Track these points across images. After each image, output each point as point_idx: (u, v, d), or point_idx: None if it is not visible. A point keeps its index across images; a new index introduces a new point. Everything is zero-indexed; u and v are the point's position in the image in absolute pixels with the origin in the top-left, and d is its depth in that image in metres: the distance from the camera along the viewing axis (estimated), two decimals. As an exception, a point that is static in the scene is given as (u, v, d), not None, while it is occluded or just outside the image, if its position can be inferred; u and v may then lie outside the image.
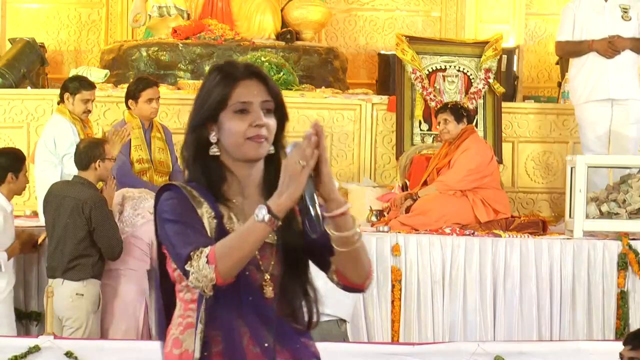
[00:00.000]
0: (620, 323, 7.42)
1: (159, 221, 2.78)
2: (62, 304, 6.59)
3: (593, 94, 8.43)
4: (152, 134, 7.96)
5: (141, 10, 9.95)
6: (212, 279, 2.61)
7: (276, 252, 2.81)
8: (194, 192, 2.78)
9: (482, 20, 10.10)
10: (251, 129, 2.77)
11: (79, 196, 6.70)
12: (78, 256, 6.64)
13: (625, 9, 8.49)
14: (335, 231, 2.68)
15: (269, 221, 2.60)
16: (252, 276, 2.76)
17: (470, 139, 7.92)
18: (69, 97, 7.58)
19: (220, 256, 2.61)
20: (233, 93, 2.79)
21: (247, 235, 2.63)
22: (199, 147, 2.82)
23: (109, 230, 6.65)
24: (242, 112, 2.79)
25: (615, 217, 7.74)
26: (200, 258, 2.62)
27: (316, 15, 10.25)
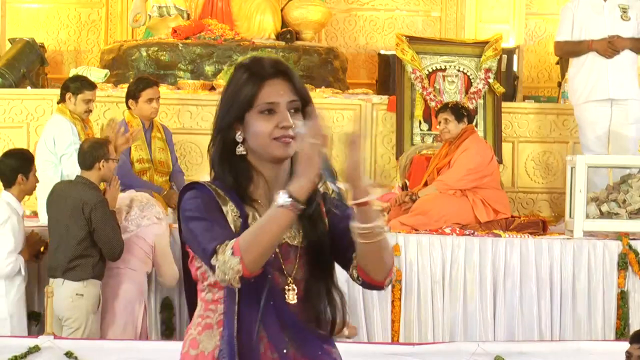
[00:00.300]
0: (620, 323, 7.42)
1: (183, 220, 2.75)
2: (62, 304, 6.59)
3: (593, 94, 8.43)
4: (153, 134, 7.96)
5: (141, 10, 9.95)
6: (238, 270, 2.56)
7: (300, 255, 2.76)
8: (219, 190, 2.75)
9: (482, 20, 10.11)
10: (277, 130, 2.72)
11: (80, 196, 6.70)
12: (78, 256, 6.65)
13: (624, 9, 8.49)
14: (359, 222, 2.62)
15: (291, 205, 2.56)
16: (275, 279, 2.70)
17: (471, 138, 7.93)
18: (71, 97, 7.59)
19: (245, 247, 2.56)
20: (259, 93, 2.74)
21: (271, 223, 2.58)
22: (226, 146, 2.78)
23: (109, 231, 6.65)
24: (269, 112, 2.74)
25: (615, 217, 7.74)
26: (226, 251, 2.58)
27: (316, 15, 10.25)
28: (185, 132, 8.79)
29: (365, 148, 9.45)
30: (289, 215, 2.57)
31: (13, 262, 6.66)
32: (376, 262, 2.70)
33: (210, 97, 9.10)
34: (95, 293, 6.67)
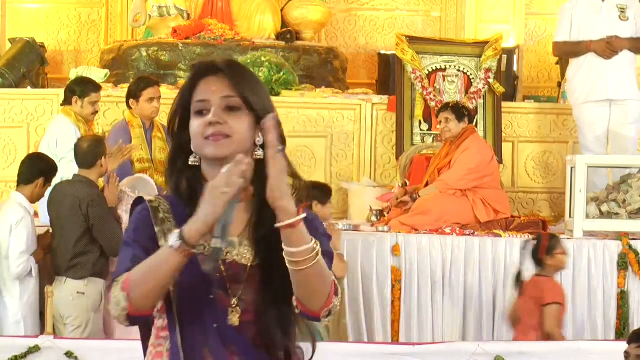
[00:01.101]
0: (620, 323, 7.42)
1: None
2: (63, 302, 6.61)
3: (592, 94, 8.43)
4: (153, 134, 7.96)
5: (141, 10, 9.95)
6: (124, 307, 2.42)
7: (250, 274, 2.53)
8: (161, 207, 2.56)
9: (482, 20, 10.10)
10: (207, 127, 2.52)
11: (77, 194, 6.72)
12: (78, 254, 6.66)
13: (622, 9, 8.49)
14: (286, 245, 2.41)
15: (180, 247, 2.37)
16: (219, 300, 2.51)
17: (471, 138, 7.93)
18: (78, 100, 7.59)
19: (133, 284, 2.41)
20: (194, 93, 2.57)
21: (159, 262, 2.40)
22: (175, 156, 2.60)
23: (108, 226, 6.67)
24: (202, 113, 2.54)
25: (615, 217, 7.74)
26: (118, 284, 2.44)
27: (316, 15, 10.25)
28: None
29: (365, 148, 9.53)
30: (177, 258, 2.38)
31: (24, 263, 6.67)
32: (309, 291, 2.46)
33: (210, 97, 9.10)
34: (97, 291, 6.67)
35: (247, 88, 2.55)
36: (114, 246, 6.65)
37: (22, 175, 6.87)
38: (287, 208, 2.40)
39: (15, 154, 8.75)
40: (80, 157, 6.89)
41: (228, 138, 2.51)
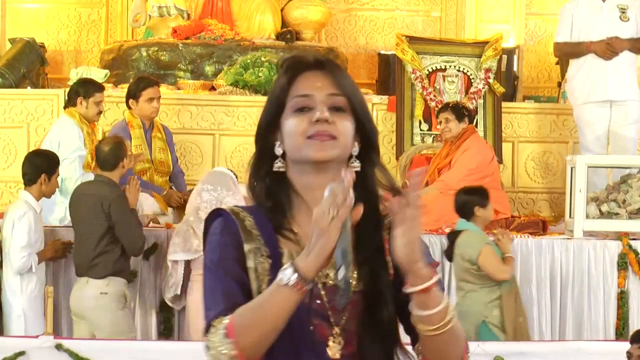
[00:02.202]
0: (620, 323, 7.42)
1: (204, 257, 2.29)
2: (87, 304, 6.64)
3: (592, 95, 8.43)
4: (153, 134, 7.96)
5: (141, 10, 9.95)
6: (232, 357, 2.09)
7: (354, 301, 2.21)
8: (247, 221, 2.25)
9: (482, 20, 10.10)
10: (312, 126, 2.23)
11: (99, 193, 6.76)
12: (100, 253, 6.68)
13: (623, 9, 8.49)
14: (418, 308, 2.14)
15: (296, 285, 2.06)
16: (319, 331, 2.20)
17: (472, 138, 7.93)
18: (82, 101, 7.59)
19: (241, 329, 2.08)
20: (292, 88, 2.27)
21: (271, 303, 2.08)
22: (262, 162, 2.29)
23: (129, 225, 6.70)
24: (303, 109, 2.25)
25: (615, 217, 7.74)
26: (218, 330, 2.11)
27: (316, 15, 10.25)
28: (185, 132, 8.79)
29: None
30: (293, 297, 2.08)
31: (25, 258, 6.66)
32: (442, 353, 2.21)
33: (210, 97, 9.11)
34: (119, 290, 6.69)
35: (350, 89, 2.33)
36: (135, 246, 6.71)
37: (25, 176, 6.89)
38: (421, 272, 2.11)
39: (15, 154, 8.75)
40: (102, 159, 6.92)
41: (334, 140, 2.23)
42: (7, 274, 6.75)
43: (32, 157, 6.96)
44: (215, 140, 8.87)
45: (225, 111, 8.92)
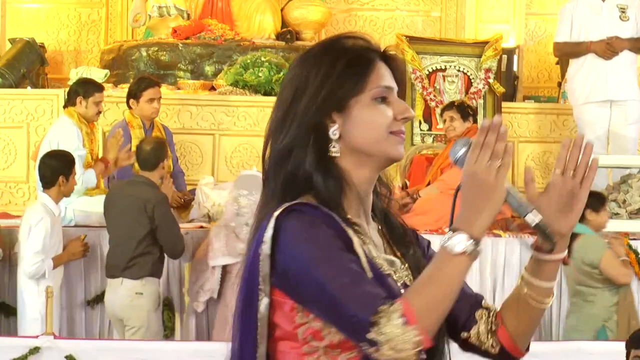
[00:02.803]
0: (621, 323, 7.42)
1: (291, 261, 1.98)
2: (121, 303, 6.64)
3: (592, 95, 8.43)
4: (153, 134, 7.96)
5: (141, 10, 9.95)
6: (418, 343, 1.88)
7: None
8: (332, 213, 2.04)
9: (482, 20, 10.10)
10: (395, 122, 2.10)
11: (142, 195, 6.74)
12: (139, 254, 6.67)
13: (623, 9, 8.49)
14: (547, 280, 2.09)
15: (474, 251, 1.94)
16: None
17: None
18: (82, 101, 7.58)
19: (422, 312, 1.89)
20: (372, 75, 2.12)
21: (446, 276, 1.93)
22: (320, 147, 2.08)
23: (171, 227, 6.72)
24: (383, 99, 2.11)
25: (615, 217, 7.74)
26: (391, 320, 1.87)
27: (316, 15, 10.25)
28: (185, 132, 8.79)
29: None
30: (468, 262, 1.95)
31: (39, 264, 6.63)
32: (531, 328, 2.20)
33: (210, 97, 9.11)
34: (155, 291, 6.70)
35: (403, 83, 2.22)
36: (176, 248, 6.72)
37: (43, 180, 6.85)
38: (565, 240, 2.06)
39: (15, 154, 8.74)
40: (142, 159, 6.94)
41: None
42: (23, 278, 6.72)
43: (48, 160, 6.92)
44: (215, 140, 8.87)
45: (225, 111, 8.92)
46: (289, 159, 2.06)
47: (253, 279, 2.03)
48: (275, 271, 2.00)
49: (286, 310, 2.02)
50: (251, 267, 2.03)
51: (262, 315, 2.02)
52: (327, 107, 2.07)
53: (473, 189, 1.93)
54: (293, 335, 2.02)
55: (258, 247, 2.01)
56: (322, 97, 2.07)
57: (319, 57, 2.11)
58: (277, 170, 2.07)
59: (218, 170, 8.74)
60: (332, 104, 2.07)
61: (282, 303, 2.02)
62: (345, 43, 2.14)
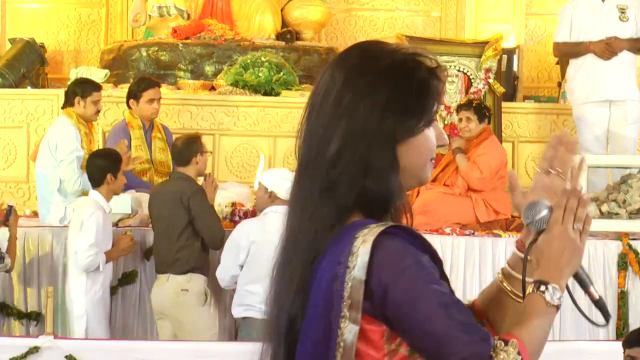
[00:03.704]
0: (621, 323, 7.42)
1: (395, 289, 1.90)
2: (168, 301, 6.66)
3: (591, 95, 8.43)
4: (153, 134, 7.96)
5: (141, 10, 9.95)
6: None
7: None
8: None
9: (482, 20, 10.10)
10: (435, 148, 2.07)
11: (177, 189, 6.82)
12: (180, 248, 6.71)
13: (622, 10, 8.49)
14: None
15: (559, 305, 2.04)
16: None
17: (491, 140, 7.99)
18: (80, 101, 7.56)
19: (532, 352, 1.94)
20: (440, 94, 2.05)
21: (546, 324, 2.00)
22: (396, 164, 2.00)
23: (209, 218, 6.75)
24: (431, 123, 2.05)
25: (615, 217, 7.74)
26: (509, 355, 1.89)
27: (316, 15, 10.25)
28: (185, 132, 8.78)
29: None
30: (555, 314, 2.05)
31: (93, 256, 6.61)
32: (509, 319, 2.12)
33: (210, 97, 9.11)
34: (200, 287, 6.71)
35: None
36: (215, 237, 6.74)
37: (92, 179, 6.86)
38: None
39: (15, 154, 8.75)
40: (177, 155, 7.03)
41: None
42: (73, 273, 6.70)
43: (95, 160, 6.93)
44: (215, 140, 8.87)
45: (225, 111, 8.92)
46: (367, 174, 1.97)
47: (331, 304, 1.93)
48: (370, 298, 1.91)
49: (375, 339, 1.93)
50: (329, 291, 1.93)
51: (348, 343, 1.91)
52: (405, 133, 2.00)
53: (562, 247, 2.02)
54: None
55: (339, 269, 1.92)
56: (407, 124, 1.99)
57: (397, 75, 2.01)
58: (353, 183, 1.97)
59: (218, 170, 8.74)
60: (410, 130, 2.00)
61: (371, 331, 1.93)
62: (421, 63, 2.03)
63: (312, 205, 1.99)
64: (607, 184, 8.12)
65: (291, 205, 2.06)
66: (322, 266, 1.95)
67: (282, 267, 2.04)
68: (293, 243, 2.02)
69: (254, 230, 6.45)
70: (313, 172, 2.00)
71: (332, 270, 1.93)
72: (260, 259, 6.31)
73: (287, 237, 2.04)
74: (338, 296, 1.91)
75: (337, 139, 1.98)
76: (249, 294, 6.41)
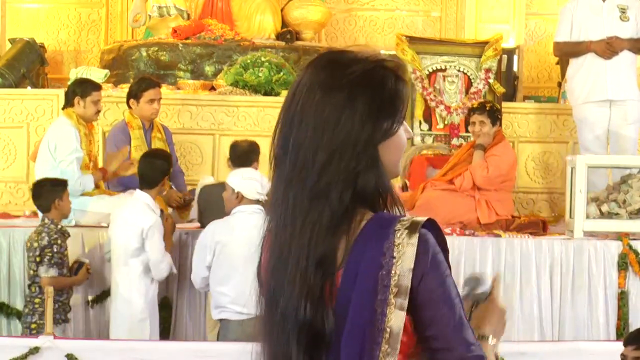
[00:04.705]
0: (620, 323, 7.42)
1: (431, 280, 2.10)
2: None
3: (591, 94, 8.43)
4: (153, 134, 7.96)
5: (141, 10, 9.95)
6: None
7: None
8: None
9: (482, 20, 10.10)
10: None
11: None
12: None
13: (623, 9, 8.49)
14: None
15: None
16: None
17: (503, 144, 8.01)
18: (80, 101, 7.54)
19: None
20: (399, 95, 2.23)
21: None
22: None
23: None
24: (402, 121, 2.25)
25: (615, 217, 7.74)
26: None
27: (316, 15, 10.25)
28: (185, 132, 8.79)
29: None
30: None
31: (167, 264, 6.67)
32: None
33: (210, 97, 9.11)
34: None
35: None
36: None
37: (146, 179, 6.83)
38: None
39: (15, 154, 8.75)
40: (236, 157, 7.05)
41: None
42: (132, 278, 6.70)
43: (152, 159, 6.92)
44: (215, 140, 8.87)
45: (225, 111, 8.92)
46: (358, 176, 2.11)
47: (375, 292, 2.07)
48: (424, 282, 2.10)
49: (408, 326, 2.10)
50: (373, 280, 2.08)
51: (395, 328, 2.06)
52: (384, 136, 2.15)
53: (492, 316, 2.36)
54: (416, 354, 2.13)
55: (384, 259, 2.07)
56: (384, 127, 2.15)
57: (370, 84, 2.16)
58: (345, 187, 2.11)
59: (218, 170, 8.74)
60: (387, 132, 2.16)
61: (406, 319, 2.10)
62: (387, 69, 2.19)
63: (303, 213, 2.11)
64: (607, 184, 8.12)
65: (279, 215, 2.15)
66: (359, 260, 2.08)
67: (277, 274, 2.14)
68: (288, 250, 2.12)
69: (218, 230, 6.43)
70: (300, 182, 2.12)
71: (377, 261, 2.07)
72: (227, 259, 6.31)
73: (280, 244, 2.14)
74: (384, 285, 2.06)
75: (322, 151, 2.10)
76: (220, 295, 6.40)
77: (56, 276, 6.55)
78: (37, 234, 6.62)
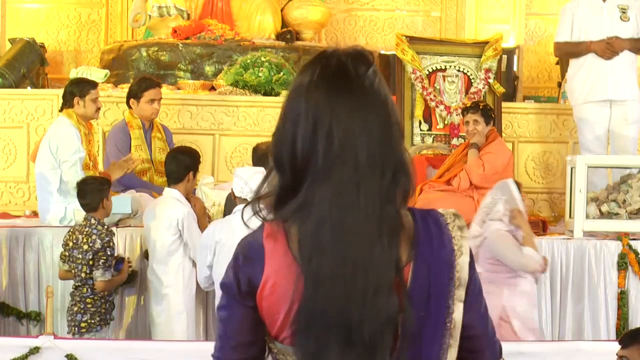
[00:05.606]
0: (621, 323, 7.42)
1: (473, 274, 2.19)
2: None
3: (591, 95, 8.43)
4: (153, 134, 7.96)
5: (141, 10, 9.96)
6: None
7: None
8: None
9: (482, 20, 10.11)
10: None
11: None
12: None
13: (623, 9, 8.49)
14: None
15: None
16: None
17: (498, 141, 8.00)
18: (79, 101, 7.52)
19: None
20: None
21: None
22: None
23: None
24: None
25: (615, 217, 7.74)
26: None
27: (316, 15, 10.26)
28: (185, 132, 8.79)
29: None
30: None
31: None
32: None
33: (210, 97, 9.11)
34: None
35: None
36: None
37: (172, 175, 6.84)
38: None
39: (15, 154, 8.75)
40: (257, 157, 7.04)
41: None
42: (169, 273, 6.71)
43: (179, 155, 6.92)
44: (215, 140, 8.87)
45: (225, 111, 8.92)
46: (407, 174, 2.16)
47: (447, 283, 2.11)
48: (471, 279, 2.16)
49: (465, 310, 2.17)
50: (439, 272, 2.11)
51: (457, 320, 2.12)
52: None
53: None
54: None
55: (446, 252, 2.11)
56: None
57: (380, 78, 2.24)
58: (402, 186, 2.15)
59: (218, 170, 8.75)
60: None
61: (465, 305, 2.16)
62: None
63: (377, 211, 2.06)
64: (607, 184, 8.12)
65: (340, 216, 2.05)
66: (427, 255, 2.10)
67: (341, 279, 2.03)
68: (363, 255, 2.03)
69: (218, 230, 6.42)
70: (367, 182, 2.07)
71: (446, 256, 2.11)
72: (226, 258, 6.30)
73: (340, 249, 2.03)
74: (447, 277, 2.10)
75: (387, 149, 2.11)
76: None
77: (111, 278, 6.55)
78: (86, 236, 6.51)
